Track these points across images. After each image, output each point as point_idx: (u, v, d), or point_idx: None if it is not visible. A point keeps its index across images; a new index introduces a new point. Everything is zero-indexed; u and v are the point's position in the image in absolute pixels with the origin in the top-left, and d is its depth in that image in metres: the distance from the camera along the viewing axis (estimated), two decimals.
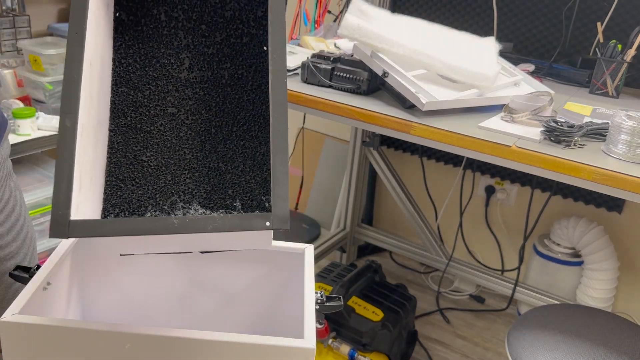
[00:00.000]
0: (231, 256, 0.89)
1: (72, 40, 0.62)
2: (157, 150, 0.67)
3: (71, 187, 0.56)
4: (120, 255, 0.68)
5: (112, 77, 0.71)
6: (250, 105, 0.70)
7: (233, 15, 0.73)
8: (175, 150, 0.67)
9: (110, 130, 0.68)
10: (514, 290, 2.12)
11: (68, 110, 0.59)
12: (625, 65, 1.57)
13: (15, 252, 0.89)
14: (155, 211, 0.66)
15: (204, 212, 0.67)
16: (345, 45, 1.64)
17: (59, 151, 0.58)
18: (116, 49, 0.72)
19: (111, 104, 0.70)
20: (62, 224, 0.55)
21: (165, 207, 0.67)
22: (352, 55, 1.40)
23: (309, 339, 0.69)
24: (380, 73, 1.30)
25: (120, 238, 0.62)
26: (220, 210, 0.67)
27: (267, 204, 0.67)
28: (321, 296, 0.78)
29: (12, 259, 0.88)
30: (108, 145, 0.68)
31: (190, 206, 0.67)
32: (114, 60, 0.72)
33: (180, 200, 0.67)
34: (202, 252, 0.70)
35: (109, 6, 0.73)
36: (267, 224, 0.55)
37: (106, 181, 0.66)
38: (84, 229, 0.55)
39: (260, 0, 0.74)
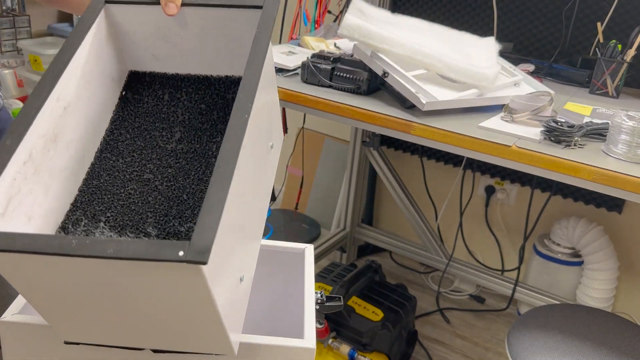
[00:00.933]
0: None
1: (45, 77, 0.61)
2: (119, 211, 0.65)
3: None
4: (65, 342, 0.64)
5: (100, 144, 0.71)
6: None
7: (234, 97, 0.73)
8: (137, 213, 0.65)
9: (79, 190, 0.67)
10: (514, 290, 2.12)
11: (15, 131, 0.57)
12: (625, 65, 1.57)
13: None
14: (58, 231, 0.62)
15: (110, 235, 0.62)
16: (345, 45, 1.64)
17: None
18: (112, 121, 0.73)
19: (90, 167, 0.69)
20: None
21: (68, 225, 0.63)
22: (352, 55, 1.40)
23: (309, 339, 0.69)
24: (380, 73, 1.30)
25: (60, 323, 0.60)
26: (129, 235, 0.62)
27: (188, 234, 0.62)
28: (321, 296, 0.78)
29: None
30: (71, 204, 0.66)
31: (96, 227, 0.63)
32: (107, 130, 0.72)
33: (85, 218, 0.64)
34: (155, 351, 0.65)
35: (115, 82, 0.75)
36: (180, 254, 0.46)
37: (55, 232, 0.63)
38: None
39: None
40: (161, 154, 0.70)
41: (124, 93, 0.75)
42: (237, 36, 0.73)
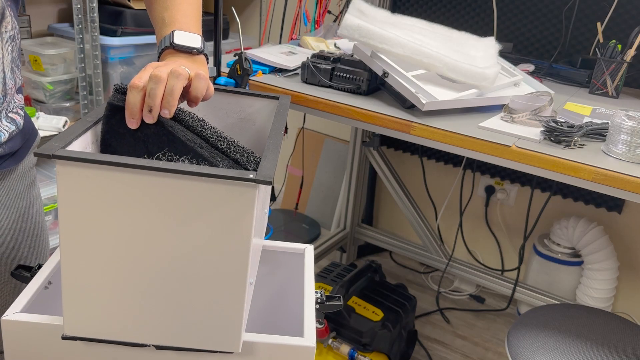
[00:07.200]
0: None
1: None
2: None
3: None
4: (63, 337, 0.64)
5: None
6: None
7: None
8: None
9: None
10: (513, 290, 2.12)
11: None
12: (625, 65, 1.57)
13: (29, 258, 0.90)
14: None
15: None
16: (345, 45, 1.64)
17: None
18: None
19: None
20: None
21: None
22: (352, 55, 1.41)
23: (309, 337, 0.69)
24: (380, 73, 1.30)
25: (80, 295, 0.61)
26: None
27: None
28: (321, 296, 0.78)
29: (25, 264, 0.89)
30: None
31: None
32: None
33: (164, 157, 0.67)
34: (157, 347, 0.65)
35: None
36: (251, 176, 0.56)
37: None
38: None
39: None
40: None
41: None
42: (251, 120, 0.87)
